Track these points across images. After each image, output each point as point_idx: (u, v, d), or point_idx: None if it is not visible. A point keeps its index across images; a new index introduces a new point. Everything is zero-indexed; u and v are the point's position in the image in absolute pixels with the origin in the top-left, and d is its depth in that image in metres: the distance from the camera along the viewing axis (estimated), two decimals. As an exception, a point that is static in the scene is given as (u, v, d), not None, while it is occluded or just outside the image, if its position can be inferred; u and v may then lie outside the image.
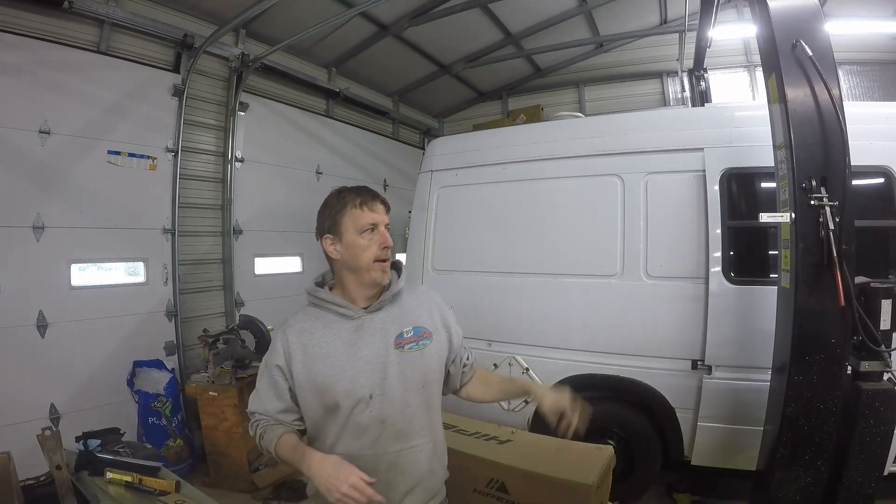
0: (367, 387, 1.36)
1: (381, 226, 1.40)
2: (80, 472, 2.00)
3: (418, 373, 1.42)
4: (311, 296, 1.48)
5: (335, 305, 1.42)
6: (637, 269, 3.18)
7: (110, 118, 3.88)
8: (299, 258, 5.53)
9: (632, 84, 7.00)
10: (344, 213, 1.40)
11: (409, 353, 1.41)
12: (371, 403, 1.36)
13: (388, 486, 1.36)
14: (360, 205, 1.40)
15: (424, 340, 1.44)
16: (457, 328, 1.57)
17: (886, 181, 2.86)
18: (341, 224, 1.40)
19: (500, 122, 7.13)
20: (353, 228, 1.39)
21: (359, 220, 1.39)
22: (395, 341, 1.41)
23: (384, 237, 1.41)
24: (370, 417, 1.36)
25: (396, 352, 1.40)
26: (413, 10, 5.35)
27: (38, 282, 3.47)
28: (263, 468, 3.91)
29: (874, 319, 2.15)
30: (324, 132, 5.87)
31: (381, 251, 1.40)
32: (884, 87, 5.96)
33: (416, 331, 1.44)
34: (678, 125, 3.26)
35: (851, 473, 2.19)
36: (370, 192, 1.43)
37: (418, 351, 1.43)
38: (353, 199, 1.41)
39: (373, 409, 1.36)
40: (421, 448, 1.43)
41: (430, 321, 1.49)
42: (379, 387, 1.36)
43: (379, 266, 1.40)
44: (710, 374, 2.99)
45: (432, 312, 1.52)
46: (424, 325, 1.47)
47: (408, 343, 1.42)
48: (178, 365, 4.22)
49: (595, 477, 2.17)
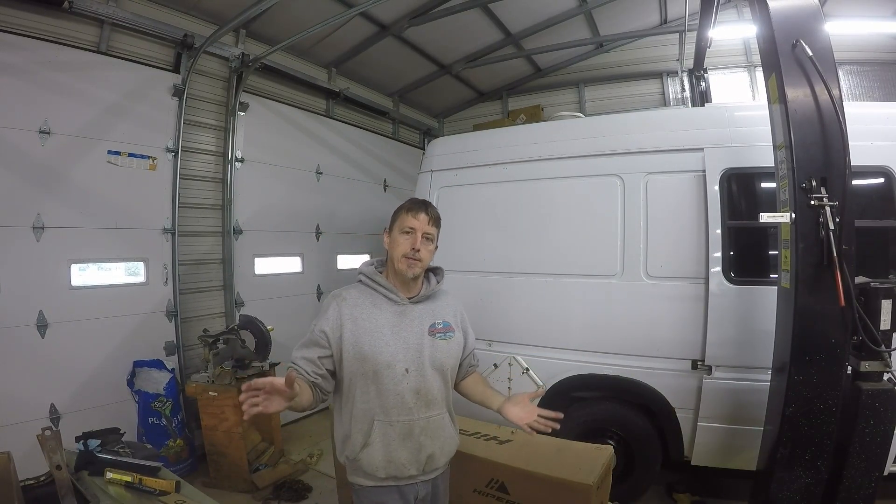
0: (403, 362, 1.64)
1: (419, 232, 1.68)
2: (80, 472, 2.00)
3: (444, 357, 1.71)
4: (368, 277, 1.74)
5: (387, 290, 1.71)
6: (637, 269, 3.18)
7: (110, 118, 3.88)
8: (299, 258, 5.52)
9: (632, 84, 6.99)
10: (398, 215, 1.74)
11: (439, 341, 1.71)
12: (407, 376, 1.64)
13: (420, 447, 1.66)
14: (407, 211, 1.72)
15: (450, 333, 1.76)
16: (471, 334, 1.89)
17: (886, 181, 2.86)
18: (394, 223, 1.74)
19: (500, 122, 7.12)
20: (398, 228, 1.71)
21: (403, 223, 1.70)
22: (429, 329, 1.71)
23: (415, 240, 1.67)
24: (407, 388, 1.63)
25: (430, 338, 1.70)
26: (413, 10, 5.35)
27: (38, 282, 3.47)
28: (263, 468, 3.91)
29: (874, 319, 2.14)
30: (324, 132, 5.87)
31: (410, 250, 1.67)
32: (884, 87, 5.96)
33: (444, 324, 1.75)
34: (678, 125, 3.26)
35: (851, 473, 2.19)
36: (421, 205, 1.73)
37: (445, 340, 1.73)
38: (407, 206, 1.74)
39: (409, 381, 1.64)
40: (443, 416, 1.73)
41: (455, 321, 1.81)
42: (414, 363, 1.65)
43: (405, 261, 1.67)
44: (710, 374, 2.99)
45: (456, 315, 1.84)
46: (450, 322, 1.78)
47: (438, 332, 1.72)
48: (178, 365, 4.21)
49: (595, 477, 2.17)
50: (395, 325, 1.67)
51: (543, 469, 2.26)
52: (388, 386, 1.62)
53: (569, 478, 2.19)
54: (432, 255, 1.75)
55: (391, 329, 1.66)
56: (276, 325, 4.33)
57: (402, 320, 1.69)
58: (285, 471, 3.94)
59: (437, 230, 1.76)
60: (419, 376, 1.65)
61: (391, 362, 1.62)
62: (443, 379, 1.73)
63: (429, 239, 1.71)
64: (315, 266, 5.66)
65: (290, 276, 5.40)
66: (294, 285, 5.41)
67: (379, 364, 1.61)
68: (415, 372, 1.65)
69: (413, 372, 1.64)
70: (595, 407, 3.38)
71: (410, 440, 1.64)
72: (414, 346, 1.67)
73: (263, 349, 4.14)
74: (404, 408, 1.63)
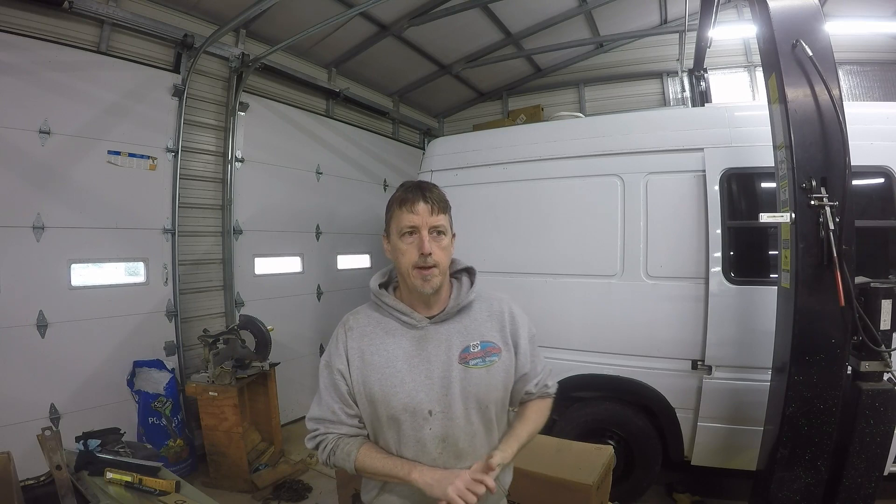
0: (426, 402, 1.28)
1: (423, 229, 1.27)
2: (80, 472, 2.00)
3: (482, 390, 1.31)
4: (376, 297, 1.38)
5: (398, 312, 1.34)
6: (637, 269, 3.18)
7: (110, 118, 3.88)
8: (299, 258, 5.52)
9: (632, 84, 6.99)
10: (391, 214, 1.33)
11: (474, 370, 1.30)
12: (431, 420, 1.28)
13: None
14: (400, 204, 1.29)
15: (492, 357, 1.33)
16: (527, 346, 1.41)
17: (886, 181, 2.86)
18: (390, 225, 1.34)
19: (500, 122, 7.12)
20: (395, 230, 1.31)
21: (400, 222, 1.29)
22: (459, 355, 1.31)
23: (422, 242, 1.26)
24: (430, 434, 1.28)
25: (460, 367, 1.30)
26: (413, 10, 5.35)
27: (38, 282, 3.47)
28: (263, 468, 3.91)
29: (874, 319, 2.15)
30: (324, 132, 5.87)
31: (419, 257, 1.26)
32: (884, 87, 5.96)
33: (483, 345, 1.33)
34: (678, 125, 3.26)
35: (851, 473, 2.19)
36: (416, 191, 1.29)
37: (484, 368, 1.31)
38: (398, 198, 1.31)
39: (433, 426, 1.28)
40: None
41: (500, 336, 1.37)
42: (440, 403, 1.28)
43: (419, 273, 1.27)
44: (710, 374, 2.99)
45: (503, 326, 1.39)
46: (493, 340, 1.35)
47: (473, 358, 1.31)
48: (178, 365, 4.21)
49: (595, 477, 2.17)
50: (412, 355, 1.31)
51: (543, 469, 2.26)
52: (408, 432, 1.29)
53: (569, 478, 2.19)
54: (450, 251, 1.35)
55: (406, 361, 1.30)
56: (276, 325, 4.34)
57: (423, 348, 1.31)
58: (285, 471, 3.94)
59: (447, 216, 1.34)
60: (446, 420, 1.28)
61: (409, 405, 1.27)
62: (483, 420, 1.32)
63: (439, 232, 1.30)
64: (315, 266, 5.66)
65: (290, 276, 5.40)
66: (294, 285, 5.41)
67: (394, 409, 1.28)
68: (440, 414, 1.28)
69: (438, 414, 1.28)
70: (595, 407, 3.38)
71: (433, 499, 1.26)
72: (439, 379, 1.29)
73: (263, 349, 4.14)
74: (426, 459, 1.28)
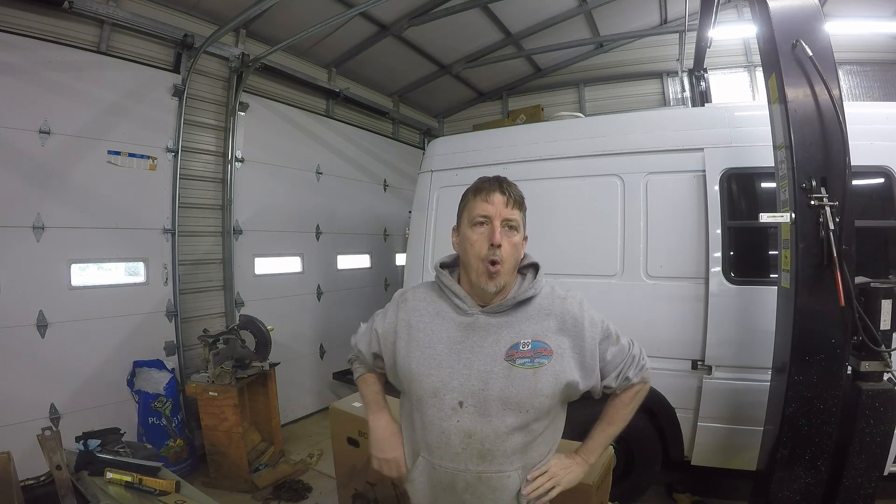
0: (458, 391, 1.22)
1: (496, 219, 1.22)
2: (80, 472, 2.00)
3: (524, 393, 1.21)
4: (435, 275, 1.36)
5: (453, 294, 1.30)
6: (637, 269, 3.18)
7: (110, 118, 3.88)
8: (299, 258, 5.52)
9: (632, 84, 6.99)
10: (464, 204, 1.31)
11: (520, 369, 1.22)
12: (461, 412, 1.22)
13: None
14: (475, 193, 1.26)
15: (541, 359, 1.23)
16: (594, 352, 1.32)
17: (886, 181, 2.86)
18: (462, 214, 1.31)
19: (500, 122, 7.13)
20: (467, 219, 1.27)
21: (472, 211, 1.26)
22: (507, 351, 1.23)
23: (493, 232, 1.21)
24: (457, 426, 1.22)
25: (506, 363, 1.22)
26: (413, 10, 5.35)
27: (38, 282, 3.47)
28: (263, 468, 3.91)
29: (874, 319, 2.15)
30: (324, 132, 5.86)
31: (488, 249, 1.21)
32: (884, 87, 5.96)
33: (534, 345, 1.24)
34: (678, 125, 3.26)
35: (851, 473, 2.19)
36: (493, 182, 1.27)
37: (531, 369, 1.22)
38: (473, 188, 1.29)
39: (461, 419, 1.22)
40: (508, 475, 1.24)
41: (556, 339, 1.27)
42: (474, 396, 1.21)
43: (484, 269, 1.22)
44: (710, 374, 2.99)
45: (565, 328, 1.29)
46: (546, 342, 1.26)
47: (521, 357, 1.23)
48: (178, 365, 4.21)
49: (595, 477, 2.17)
50: (456, 341, 1.25)
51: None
52: (433, 419, 1.24)
53: (569, 478, 2.18)
54: (520, 252, 1.30)
55: (448, 346, 1.25)
56: (276, 325, 4.33)
57: (469, 336, 1.25)
58: (285, 471, 3.94)
59: (523, 214, 1.30)
60: (477, 415, 1.21)
61: (438, 390, 1.23)
62: (520, 424, 1.23)
63: (512, 227, 1.25)
64: (315, 266, 5.65)
65: (290, 276, 5.40)
66: (294, 285, 5.41)
67: (423, 390, 1.24)
68: (472, 408, 1.21)
69: (469, 407, 1.21)
70: (595, 407, 3.35)
71: (452, 494, 1.24)
72: (478, 372, 1.22)
73: (263, 349, 4.14)
74: (448, 451, 1.23)
